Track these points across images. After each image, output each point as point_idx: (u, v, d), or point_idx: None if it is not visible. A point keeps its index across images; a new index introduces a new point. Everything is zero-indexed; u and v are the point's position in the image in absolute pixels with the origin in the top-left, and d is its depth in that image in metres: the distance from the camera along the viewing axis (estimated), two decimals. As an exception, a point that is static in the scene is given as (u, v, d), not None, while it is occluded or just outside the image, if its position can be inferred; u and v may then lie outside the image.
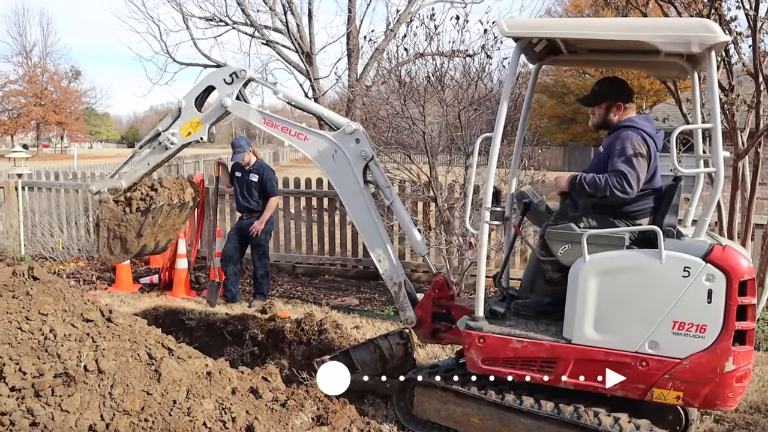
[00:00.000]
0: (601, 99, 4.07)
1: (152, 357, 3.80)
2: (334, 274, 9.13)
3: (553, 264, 3.90)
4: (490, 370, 3.83)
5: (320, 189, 9.19)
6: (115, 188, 4.98)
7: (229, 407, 3.68)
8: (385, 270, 4.56)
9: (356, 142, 4.47)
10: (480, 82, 6.97)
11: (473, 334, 3.84)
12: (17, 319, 3.56)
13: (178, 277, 7.97)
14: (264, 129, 4.70)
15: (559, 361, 3.66)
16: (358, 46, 13.08)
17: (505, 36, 3.66)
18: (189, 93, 4.87)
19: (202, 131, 4.83)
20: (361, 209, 4.52)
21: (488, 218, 3.85)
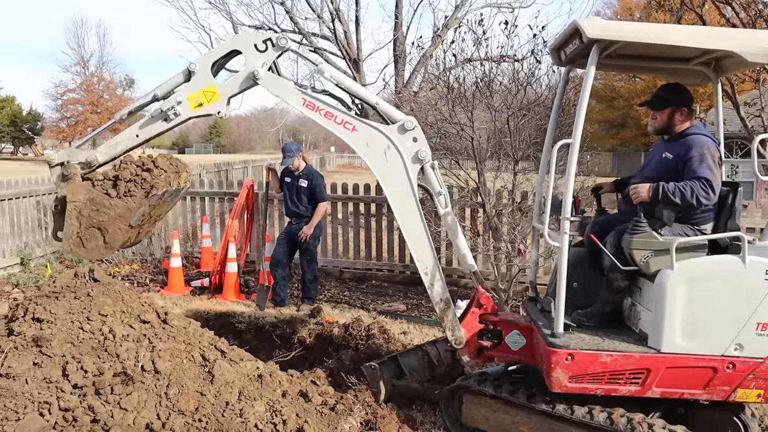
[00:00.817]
0: (666, 104, 4.03)
1: (206, 359, 3.88)
2: (381, 279, 9.15)
3: (622, 273, 3.83)
4: (576, 388, 3.67)
5: (368, 194, 9.24)
6: (88, 162, 4.04)
7: (279, 410, 3.74)
8: (432, 284, 4.23)
9: (413, 140, 4.03)
10: (529, 87, 6.91)
11: (560, 353, 3.64)
12: (79, 320, 3.69)
13: (228, 280, 8.11)
14: (302, 111, 4.06)
15: (648, 372, 3.62)
16: (405, 52, 13.15)
17: (589, 38, 3.50)
18: (204, 56, 4.10)
19: (220, 104, 4.02)
20: (411, 215, 4.12)
21: (568, 229, 3.67)
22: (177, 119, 3.99)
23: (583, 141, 7.53)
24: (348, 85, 4.24)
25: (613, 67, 4.71)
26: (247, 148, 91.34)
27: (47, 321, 3.64)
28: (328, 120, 4.02)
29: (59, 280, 3.97)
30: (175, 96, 3.96)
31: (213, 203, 10.17)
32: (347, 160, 52.67)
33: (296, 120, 31.65)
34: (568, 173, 3.69)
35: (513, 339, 4.15)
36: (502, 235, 7.08)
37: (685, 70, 4.17)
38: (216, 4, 13.43)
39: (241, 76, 3.99)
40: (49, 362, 3.42)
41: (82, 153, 4.06)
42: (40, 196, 9.86)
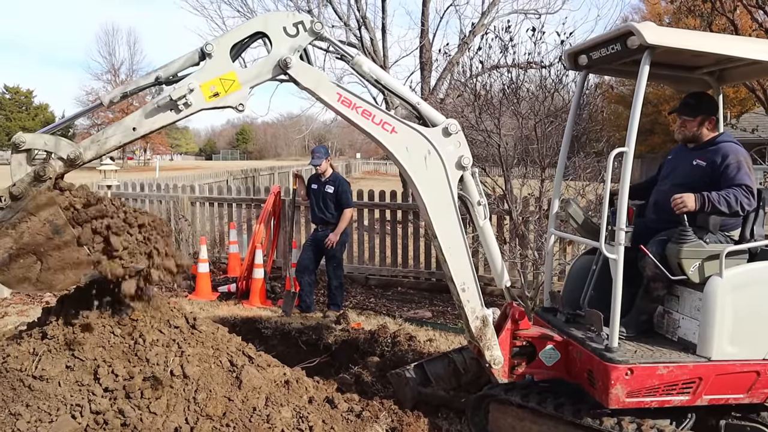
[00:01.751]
0: (697, 112, 4.03)
1: (233, 364, 3.91)
2: (406, 286, 9.14)
3: (663, 282, 3.81)
4: (633, 403, 3.60)
5: (394, 201, 9.25)
6: (70, 159, 3.27)
7: (306, 416, 3.75)
8: (469, 300, 3.88)
9: (456, 146, 3.72)
10: (556, 93, 6.87)
11: (620, 368, 3.54)
12: (110, 323, 3.74)
13: (254, 286, 8.17)
14: (336, 108, 3.58)
15: (700, 380, 3.61)
16: (431, 59, 13.16)
17: (645, 45, 3.40)
18: (223, 36, 3.49)
19: (240, 94, 3.42)
20: (451, 226, 3.78)
21: (623, 240, 3.56)
22: (188, 110, 3.34)
23: (611, 147, 7.48)
24: (387, 81, 3.80)
25: (613, 72, 4.67)
26: (274, 155, 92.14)
27: (79, 325, 3.70)
28: (365, 119, 3.60)
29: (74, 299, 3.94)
30: (187, 82, 3.30)
31: (240, 209, 10.26)
32: (373, 167, 52.83)
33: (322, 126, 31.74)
34: (622, 183, 3.60)
35: (547, 354, 4.02)
36: (528, 242, 7.04)
37: (688, 78, 4.25)
38: (244, 13, 13.60)
39: (267, 63, 3.44)
40: (80, 366, 3.47)
41: (64, 145, 3.27)
42: (71, 202, 10.02)
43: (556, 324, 4.19)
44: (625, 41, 3.54)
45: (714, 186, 3.77)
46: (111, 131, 3.35)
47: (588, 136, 7.51)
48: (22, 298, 8.33)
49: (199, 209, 10.46)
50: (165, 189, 11.03)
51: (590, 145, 7.47)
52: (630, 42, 3.49)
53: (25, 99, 65.15)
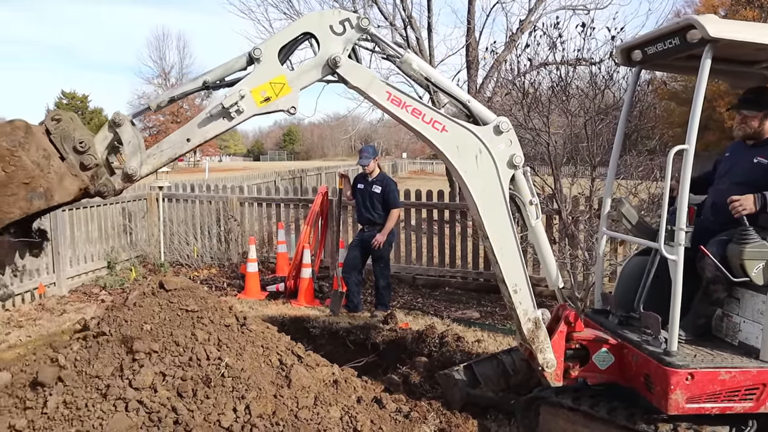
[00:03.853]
0: (759, 107, 3.88)
1: (283, 363, 3.95)
2: (454, 286, 9.08)
3: (723, 283, 3.67)
4: (693, 409, 3.49)
5: (441, 201, 9.20)
6: (128, 175, 3.24)
7: (354, 416, 3.76)
8: (521, 302, 3.78)
9: (507, 144, 3.65)
10: (607, 90, 6.73)
11: (681, 373, 3.42)
12: (163, 321, 3.82)
13: (302, 285, 8.24)
14: (386, 107, 3.53)
15: (764, 387, 3.48)
16: (477, 57, 13.06)
17: (708, 38, 3.29)
18: (270, 39, 3.44)
19: (291, 97, 3.35)
20: (503, 224, 3.69)
21: (683, 240, 3.45)
22: (240, 117, 3.30)
23: (664, 145, 7.29)
24: (437, 79, 3.72)
25: (667, 67, 4.52)
26: (320, 155, 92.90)
27: (133, 324, 3.79)
28: (414, 118, 3.54)
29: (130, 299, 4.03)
30: (237, 89, 3.28)
31: (288, 209, 10.37)
32: (419, 166, 52.74)
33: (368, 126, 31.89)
34: (682, 182, 3.46)
35: (601, 357, 3.91)
36: (578, 242, 6.91)
37: (746, 72, 4.03)
38: (291, 15, 13.72)
39: (316, 63, 3.40)
40: (135, 365, 3.55)
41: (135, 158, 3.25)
42: (125, 203, 10.31)
43: (608, 326, 4.09)
44: (685, 35, 3.41)
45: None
46: (165, 145, 3.36)
47: (639, 133, 7.34)
48: (80, 296, 8.60)
49: (247, 209, 10.61)
50: (214, 190, 11.23)
51: (642, 143, 7.29)
52: (690, 36, 3.36)
53: (80, 104, 67.29)
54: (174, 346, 3.72)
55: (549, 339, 3.82)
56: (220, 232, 10.65)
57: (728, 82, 4.81)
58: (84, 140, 3.07)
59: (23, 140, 2.85)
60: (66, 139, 3.04)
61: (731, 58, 3.93)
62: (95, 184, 3.14)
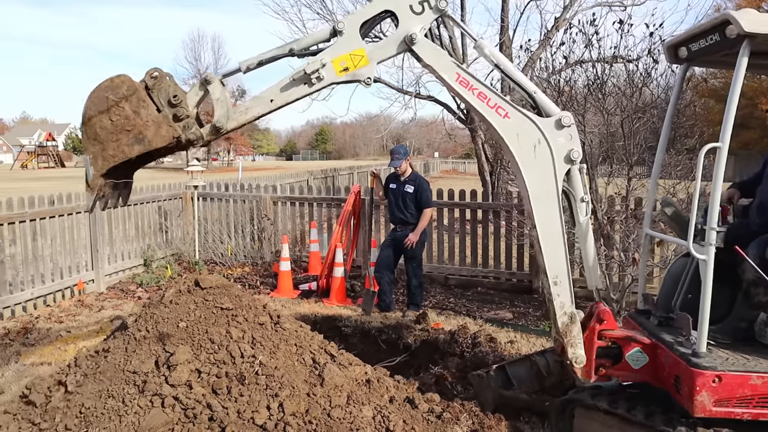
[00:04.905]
0: None
1: (316, 362, 3.96)
2: (486, 286, 9.03)
3: (765, 286, 3.55)
4: (721, 412, 3.42)
5: (474, 200, 9.15)
6: (216, 127, 3.62)
7: (387, 416, 3.75)
8: (559, 294, 3.84)
9: (567, 138, 3.70)
10: (645, 88, 6.60)
11: (707, 374, 3.37)
12: (198, 320, 3.86)
13: (334, 284, 8.27)
14: (454, 87, 3.69)
15: None
16: (511, 55, 12.94)
17: (743, 33, 3.21)
18: (353, 14, 3.71)
19: (368, 69, 3.59)
20: (552, 216, 3.77)
21: (714, 240, 3.39)
22: (320, 84, 3.56)
23: (703, 143, 7.13)
24: (506, 67, 3.81)
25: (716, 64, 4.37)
26: (352, 155, 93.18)
27: (169, 321, 3.84)
28: (480, 101, 3.68)
29: (166, 296, 4.09)
30: (320, 57, 3.53)
31: (321, 208, 10.42)
32: (451, 166, 52.53)
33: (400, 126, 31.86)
34: (714, 180, 3.37)
35: (634, 357, 3.86)
36: (614, 243, 6.80)
37: None
38: (324, 15, 13.78)
39: (394, 39, 3.61)
40: (172, 360, 3.60)
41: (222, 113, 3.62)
42: (161, 202, 10.48)
43: (648, 327, 4.02)
44: (724, 31, 3.33)
45: None
46: (251, 103, 3.67)
47: (678, 132, 7.18)
48: (117, 293, 8.76)
49: (281, 208, 10.69)
50: (248, 189, 11.35)
51: (681, 142, 7.14)
52: (728, 31, 3.27)
53: (118, 104, 68.55)
54: (209, 344, 3.76)
55: (582, 335, 3.86)
56: (254, 231, 10.76)
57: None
58: (177, 94, 3.46)
59: (126, 93, 3.31)
60: (162, 93, 3.45)
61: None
62: (186, 133, 3.51)
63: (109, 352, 3.70)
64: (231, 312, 3.99)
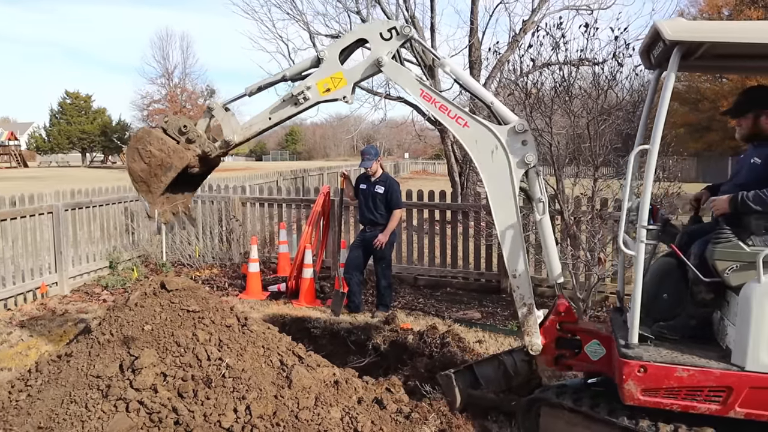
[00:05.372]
0: (747, 109, 3.80)
1: (283, 364, 3.95)
2: (455, 286, 9.07)
3: (708, 285, 3.64)
4: (649, 401, 3.54)
5: (443, 201, 9.19)
6: (226, 142, 4.27)
7: (355, 417, 3.75)
8: (518, 287, 4.17)
9: (523, 144, 4.00)
10: (610, 90, 6.70)
11: (632, 364, 3.51)
12: (164, 323, 3.82)
13: (303, 286, 8.23)
14: (418, 102, 4.18)
15: (730, 390, 3.41)
16: (480, 57, 13.04)
17: (669, 41, 3.37)
18: (333, 44, 4.27)
19: (345, 89, 4.13)
20: (508, 216, 4.09)
21: (644, 237, 3.53)
22: (306, 103, 4.14)
23: (667, 146, 7.26)
24: (466, 81, 4.26)
25: (713, 68, 4.49)
26: (323, 155, 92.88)
27: (134, 324, 3.79)
28: (441, 113, 4.09)
29: (131, 299, 4.06)
30: (305, 81, 4.11)
31: (290, 209, 10.37)
32: (421, 167, 52.70)
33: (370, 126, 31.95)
34: (646, 180, 3.52)
35: (592, 348, 4.05)
36: (581, 243, 6.89)
37: None
38: (294, 15, 13.75)
39: (367, 62, 4.12)
40: (137, 363, 3.55)
41: (228, 129, 4.28)
42: (127, 203, 10.33)
43: (616, 322, 4.11)
44: (663, 38, 3.43)
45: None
46: (254, 120, 4.35)
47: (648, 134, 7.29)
48: (81, 296, 8.61)
49: (249, 209, 10.61)
50: (217, 190, 11.24)
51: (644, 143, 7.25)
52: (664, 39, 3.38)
53: (84, 104, 67.46)
54: (175, 347, 3.72)
55: (537, 324, 4.17)
56: (222, 232, 10.66)
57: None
58: (186, 124, 4.17)
59: (148, 138, 4.07)
60: (173, 127, 4.16)
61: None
62: (200, 148, 4.19)
63: (71, 356, 3.64)
64: (197, 314, 3.95)
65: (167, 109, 59.76)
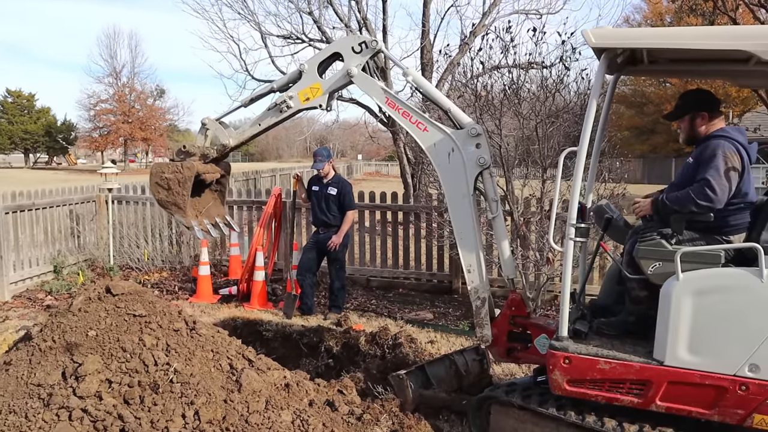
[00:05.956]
0: (684, 112, 3.92)
1: (233, 368, 3.90)
2: (408, 287, 9.12)
3: (640, 282, 3.75)
4: (575, 391, 3.68)
5: (395, 203, 9.22)
6: (223, 145, 4.80)
7: (306, 419, 3.73)
8: (473, 281, 4.37)
9: (476, 146, 4.25)
10: (558, 93, 6.84)
11: (558, 355, 3.67)
12: (109, 329, 3.72)
13: (255, 288, 8.15)
14: (384, 109, 4.54)
15: (650, 384, 3.51)
16: (432, 60, 13.13)
17: (593, 47, 3.52)
18: (313, 57, 4.69)
19: (322, 98, 4.58)
20: (463, 214, 4.33)
21: (573, 235, 3.70)
22: (289, 111, 4.61)
23: (612, 148, 7.44)
24: (426, 89, 4.56)
25: (664, 73, 4.64)
26: (275, 157, 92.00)
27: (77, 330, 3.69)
28: (404, 119, 4.42)
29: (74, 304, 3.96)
30: (288, 92, 4.58)
31: (241, 211, 10.25)
32: (374, 168, 52.78)
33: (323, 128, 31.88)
34: (574, 180, 3.64)
35: (541, 342, 4.18)
36: (530, 243, 7.01)
37: (749, 72, 3.97)
38: (245, 15, 13.59)
39: (340, 74, 4.52)
40: (80, 370, 3.46)
41: (222, 135, 4.79)
42: (72, 205, 10.04)
43: None
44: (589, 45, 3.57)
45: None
46: (245, 127, 4.87)
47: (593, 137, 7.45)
48: (24, 302, 8.33)
49: (200, 212, 10.44)
50: (166, 192, 11.03)
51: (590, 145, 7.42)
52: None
53: (27, 102, 65.23)
54: (121, 352, 3.64)
55: (489, 317, 4.37)
56: (172, 235, 10.47)
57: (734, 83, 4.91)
58: (185, 144, 4.79)
59: (161, 169, 4.60)
60: (176, 152, 4.79)
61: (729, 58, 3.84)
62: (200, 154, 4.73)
63: (11, 365, 3.52)
64: (144, 319, 3.87)
65: (115, 109, 58.27)
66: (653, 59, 4.11)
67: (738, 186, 3.62)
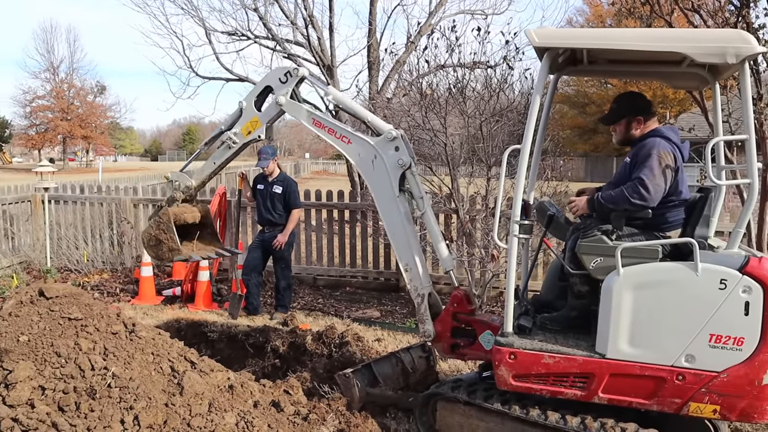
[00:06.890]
0: (619, 116, 4.03)
1: (175, 370, 3.80)
2: (355, 286, 9.10)
3: (581, 277, 3.83)
4: (520, 386, 3.73)
5: (341, 201, 9.19)
6: (187, 186, 5.22)
7: (251, 421, 3.67)
8: (411, 279, 4.50)
9: (395, 149, 4.42)
10: (502, 93, 6.93)
11: (503, 350, 3.72)
12: (42, 333, 3.58)
13: (199, 289, 8.00)
14: (312, 129, 4.75)
15: (592, 376, 3.59)
16: (378, 58, 13.12)
17: (536, 47, 3.60)
18: (249, 93, 5.02)
19: (260, 130, 4.94)
20: (393, 216, 4.49)
21: (517, 232, 3.76)
22: (236, 146, 5.00)
23: (555, 146, 7.59)
24: (347, 105, 4.90)
25: (603, 73, 4.73)
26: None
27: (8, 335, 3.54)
28: (330, 135, 4.66)
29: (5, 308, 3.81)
30: (234, 129, 4.99)
31: (185, 211, 10.02)
32: (322, 167, 52.56)
33: (270, 127, 31.57)
34: (518, 177, 3.70)
35: (486, 338, 4.22)
36: (475, 240, 7.08)
37: (682, 73, 4.11)
38: (188, 11, 13.31)
39: (271, 104, 4.89)
40: (10, 378, 3.31)
41: (185, 179, 5.25)
42: (6, 206, 9.65)
43: None
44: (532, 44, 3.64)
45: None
46: (203, 167, 5.27)
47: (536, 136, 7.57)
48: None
49: (142, 211, 10.17)
50: (106, 191, 10.70)
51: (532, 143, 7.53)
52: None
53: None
54: (55, 357, 3.50)
55: (429, 313, 4.46)
56: (113, 236, 10.18)
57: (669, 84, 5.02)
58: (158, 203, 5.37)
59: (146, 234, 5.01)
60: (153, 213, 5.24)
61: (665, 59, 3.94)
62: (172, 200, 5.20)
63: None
64: (80, 322, 3.74)
65: (53, 105, 56.36)
66: (593, 60, 4.21)
67: (673, 184, 3.74)
